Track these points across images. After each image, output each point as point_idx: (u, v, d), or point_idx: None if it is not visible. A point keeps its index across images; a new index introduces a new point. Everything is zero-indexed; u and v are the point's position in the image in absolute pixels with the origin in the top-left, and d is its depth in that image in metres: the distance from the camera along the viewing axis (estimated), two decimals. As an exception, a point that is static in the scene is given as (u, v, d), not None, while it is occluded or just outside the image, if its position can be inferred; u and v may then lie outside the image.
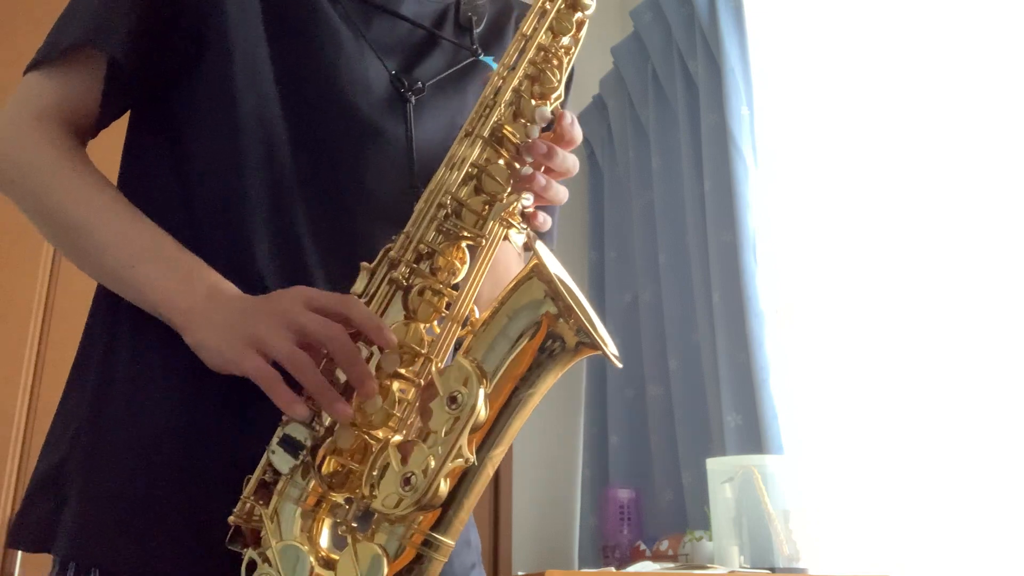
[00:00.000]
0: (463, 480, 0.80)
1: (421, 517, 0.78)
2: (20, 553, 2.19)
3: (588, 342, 0.83)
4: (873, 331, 2.16)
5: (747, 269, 2.34)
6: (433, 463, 0.76)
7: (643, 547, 2.41)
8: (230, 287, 0.88)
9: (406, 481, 0.76)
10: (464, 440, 0.77)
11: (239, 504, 0.82)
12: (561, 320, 0.83)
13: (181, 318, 0.87)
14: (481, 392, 0.78)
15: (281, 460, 0.80)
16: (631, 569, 2.12)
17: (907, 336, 2.08)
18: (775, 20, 2.60)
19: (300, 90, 0.98)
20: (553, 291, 0.82)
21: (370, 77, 1.01)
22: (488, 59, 1.12)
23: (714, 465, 2.13)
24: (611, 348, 0.88)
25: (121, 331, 0.94)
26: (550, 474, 2.92)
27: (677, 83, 2.74)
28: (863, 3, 2.37)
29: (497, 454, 0.82)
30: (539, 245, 0.89)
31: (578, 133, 0.96)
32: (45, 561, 0.91)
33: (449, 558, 0.89)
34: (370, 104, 1.00)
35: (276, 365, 0.81)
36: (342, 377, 0.83)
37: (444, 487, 0.77)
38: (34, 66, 0.97)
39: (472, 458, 0.78)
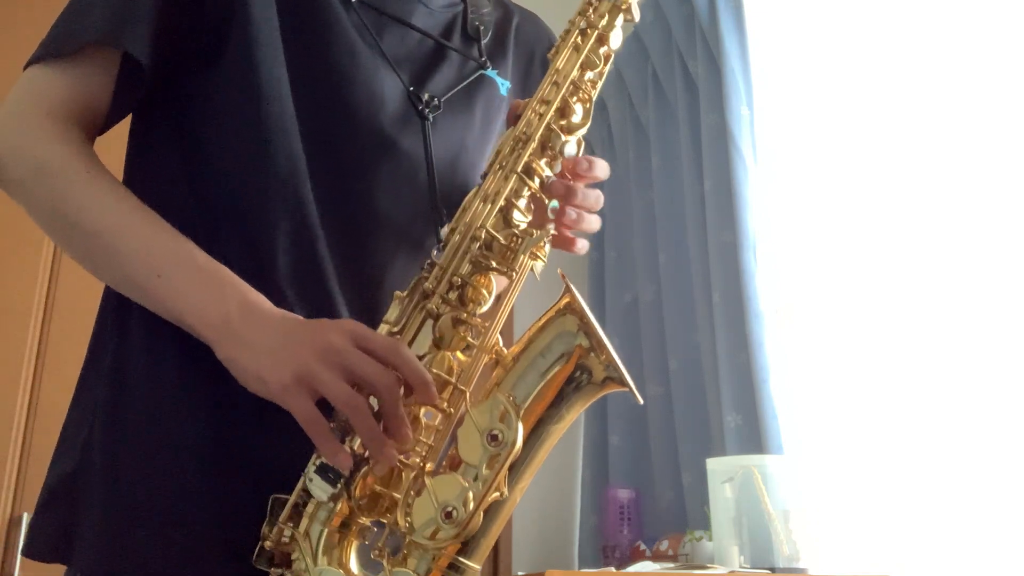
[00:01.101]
0: (492, 509, 0.83)
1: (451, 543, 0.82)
2: (20, 553, 2.19)
3: (616, 377, 0.87)
4: (873, 331, 2.16)
5: (747, 269, 2.34)
6: (473, 498, 0.81)
7: (643, 547, 2.41)
8: (263, 301, 0.86)
9: (447, 515, 0.80)
10: (502, 476, 0.81)
11: (274, 529, 0.82)
12: (592, 354, 0.86)
13: (213, 332, 0.85)
14: (520, 428, 0.82)
15: (319, 489, 0.81)
16: (631, 569, 2.11)
17: (907, 336, 2.08)
18: (775, 20, 2.60)
19: (315, 98, 0.97)
20: (586, 325, 0.86)
21: (386, 92, 1.01)
22: (493, 73, 1.12)
23: (714, 465, 2.13)
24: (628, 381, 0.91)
25: (133, 336, 0.92)
26: (550, 474, 2.92)
27: (677, 83, 2.74)
28: (863, 3, 2.36)
29: (524, 484, 0.86)
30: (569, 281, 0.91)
31: (599, 171, 0.99)
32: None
33: None
34: (386, 118, 1.00)
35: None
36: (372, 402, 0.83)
37: (480, 519, 0.81)
38: (39, 59, 0.92)
39: (506, 491, 0.82)
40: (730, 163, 2.44)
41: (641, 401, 0.92)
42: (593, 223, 0.98)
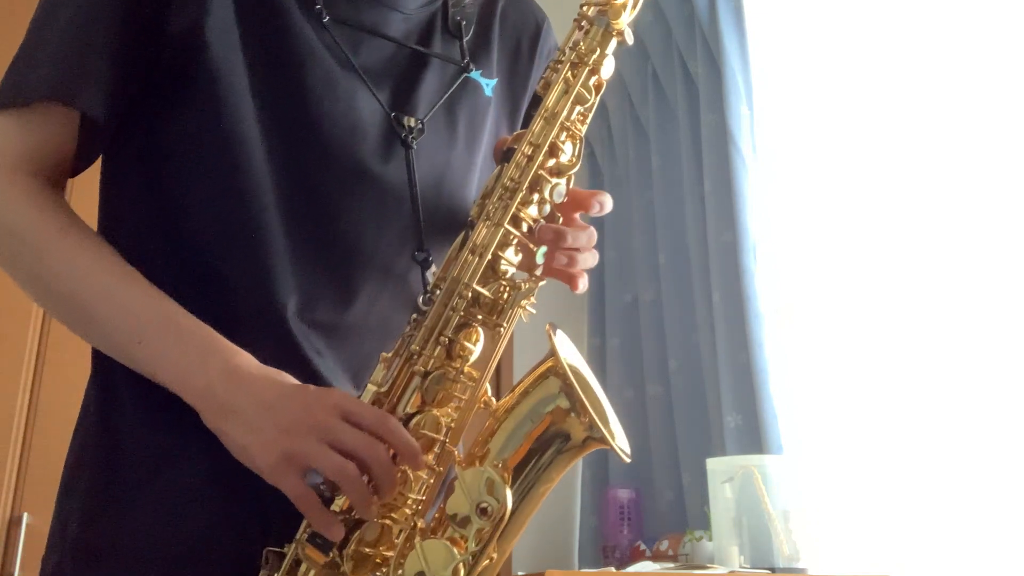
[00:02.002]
0: (482, 571, 0.84)
1: None
2: (20, 553, 2.19)
3: (597, 437, 0.86)
4: (873, 331, 2.16)
5: (747, 269, 2.34)
6: (463, 570, 0.81)
7: (643, 547, 2.41)
8: (247, 364, 0.83)
9: None
10: (492, 546, 0.82)
11: None
12: (573, 415, 0.86)
13: (197, 401, 0.82)
14: (509, 498, 0.82)
15: (312, 555, 0.81)
16: (631, 569, 2.11)
17: (907, 336, 2.08)
18: (775, 20, 2.60)
19: (290, 135, 0.92)
20: (568, 387, 0.86)
21: (366, 119, 0.96)
22: (476, 74, 1.07)
23: (714, 465, 2.13)
24: (619, 441, 0.90)
25: (120, 384, 0.88)
26: (550, 474, 2.91)
27: (677, 83, 2.74)
28: (863, 3, 2.36)
29: (513, 541, 0.86)
30: (556, 336, 0.89)
31: (594, 212, 0.96)
32: (45, 561, 0.91)
33: None
34: (367, 150, 0.95)
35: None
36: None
37: None
38: None
39: (495, 556, 0.83)
40: (730, 163, 2.44)
41: (627, 459, 0.90)
42: (587, 261, 0.96)
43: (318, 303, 0.92)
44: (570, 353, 0.91)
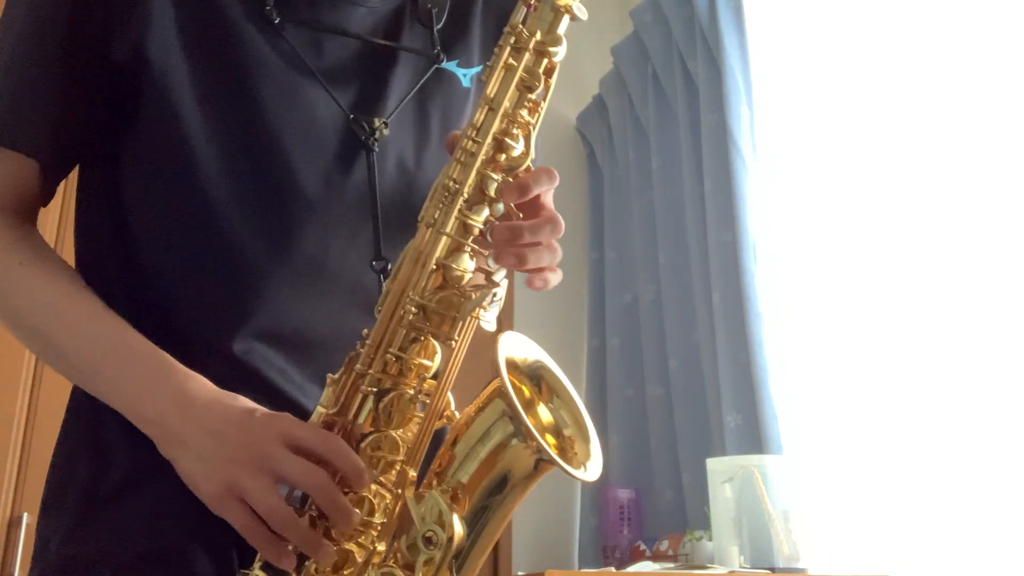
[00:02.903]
0: None
1: None
2: (20, 553, 2.19)
3: (548, 459, 0.82)
4: (873, 331, 2.16)
5: (747, 269, 2.34)
6: None
7: (643, 547, 2.41)
8: (202, 390, 0.81)
9: None
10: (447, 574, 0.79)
11: None
12: (517, 440, 0.81)
13: (150, 428, 0.81)
14: (457, 526, 0.79)
15: None
16: (631, 569, 2.11)
17: (907, 336, 2.08)
18: (775, 20, 2.60)
19: (247, 151, 0.89)
20: (512, 411, 0.81)
21: (324, 124, 0.92)
22: (451, 65, 1.01)
23: (714, 465, 2.13)
24: (592, 458, 0.87)
25: (103, 424, 0.86)
26: (550, 474, 2.91)
27: (677, 83, 2.74)
28: (863, 3, 2.36)
29: (476, 566, 0.83)
30: (501, 344, 0.84)
31: (539, 189, 0.86)
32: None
33: None
34: (325, 158, 0.91)
35: None
36: None
37: None
38: None
39: None
40: (730, 163, 2.44)
41: (580, 479, 0.86)
42: (542, 259, 0.86)
43: (283, 322, 0.89)
44: (526, 353, 0.87)
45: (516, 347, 0.87)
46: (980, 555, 1.86)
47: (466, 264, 0.85)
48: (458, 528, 0.79)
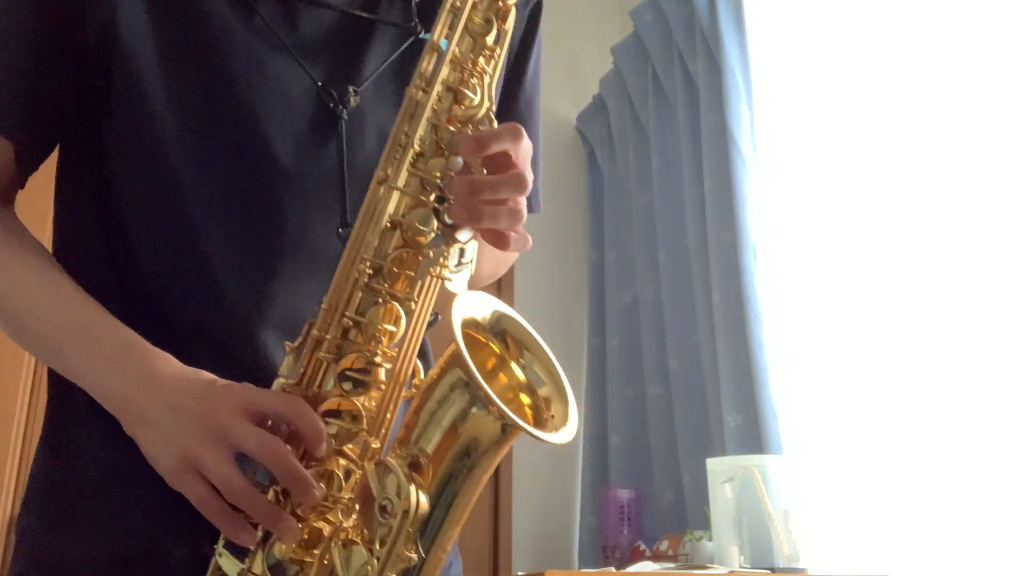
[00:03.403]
0: (413, 573, 0.77)
1: None
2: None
3: (513, 426, 0.77)
4: (873, 331, 2.16)
5: (747, 269, 2.34)
6: (372, 574, 0.74)
7: (643, 547, 2.41)
8: (167, 367, 0.79)
9: None
10: (400, 547, 0.74)
11: None
12: (478, 407, 0.77)
13: (115, 407, 0.80)
14: (413, 493, 0.74)
15: (229, 564, 0.77)
16: (631, 569, 2.12)
17: (907, 336, 2.08)
18: (775, 20, 2.60)
19: (218, 125, 0.88)
20: (469, 377, 0.76)
21: (294, 96, 0.90)
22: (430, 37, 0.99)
23: (714, 465, 2.13)
24: (569, 421, 0.81)
25: (78, 420, 0.86)
26: (550, 474, 2.92)
27: (677, 83, 2.74)
28: (863, 3, 2.36)
29: (448, 537, 0.79)
30: (457, 305, 0.80)
31: (504, 144, 0.80)
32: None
33: None
34: (295, 129, 0.89)
35: None
36: None
37: None
38: None
39: (415, 557, 0.75)
40: (730, 163, 2.44)
41: (550, 441, 0.81)
42: (499, 218, 0.80)
43: (265, 302, 0.87)
44: (487, 310, 0.83)
45: (475, 306, 0.82)
46: (980, 555, 1.86)
47: (429, 223, 0.80)
48: (416, 497, 0.75)
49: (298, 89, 0.91)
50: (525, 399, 0.83)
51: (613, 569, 2.33)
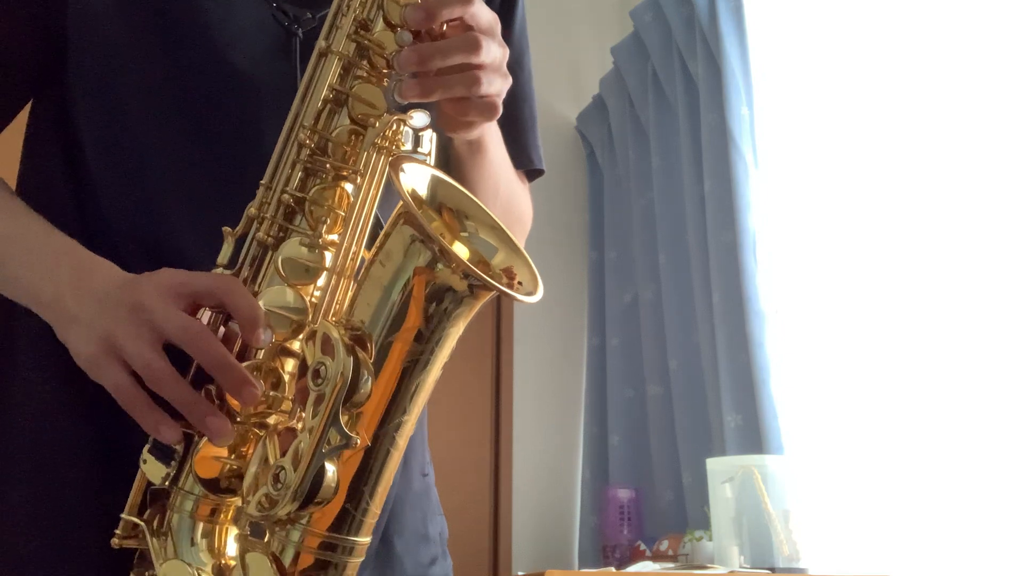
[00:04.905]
0: (363, 465, 0.67)
1: (310, 516, 0.66)
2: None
3: (480, 283, 0.68)
4: (873, 331, 2.16)
5: (747, 269, 2.34)
6: (304, 452, 0.63)
7: (643, 547, 2.41)
8: (100, 266, 0.75)
9: (276, 478, 0.64)
10: (337, 420, 0.64)
11: (121, 525, 0.71)
12: (440, 266, 0.67)
13: (47, 312, 0.75)
14: (352, 359, 0.64)
15: (153, 469, 0.70)
16: (631, 569, 2.12)
17: (907, 336, 2.09)
18: (775, 20, 2.60)
19: (174, 52, 0.85)
20: (424, 235, 0.67)
21: (248, 22, 0.87)
22: None
23: (714, 465, 2.13)
24: (535, 283, 0.73)
25: (20, 342, 0.83)
26: (550, 474, 2.92)
27: (677, 83, 2.74)
28: (863, 4, 2.36)
29: (404, 425, 0.69)
30: (407, 168, 0.73)
31: (455, 8, 0.74)
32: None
33: (399, 557, 0.84)
34: (249, 56, 0.86)
35: None
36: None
37: (331, 477, 0.64)
38: None
39: (356, 438, 0.65)
40: (730, 163, 2.44)
41: (533, 300, 0.71)
42: (453, 86, 0.74)
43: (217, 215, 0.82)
44: (425, 182, 0.75)
45: (413, 177, 0.74)
46: (980, 555, 1.86)
47: (379, 101, 0.75)
48: (353, 365, 0.64)
49: (255, 14, 0.87)
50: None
51: (613, 569, 2.34)
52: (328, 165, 0.74)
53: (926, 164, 2.14)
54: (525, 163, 1.01)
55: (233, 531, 0.71)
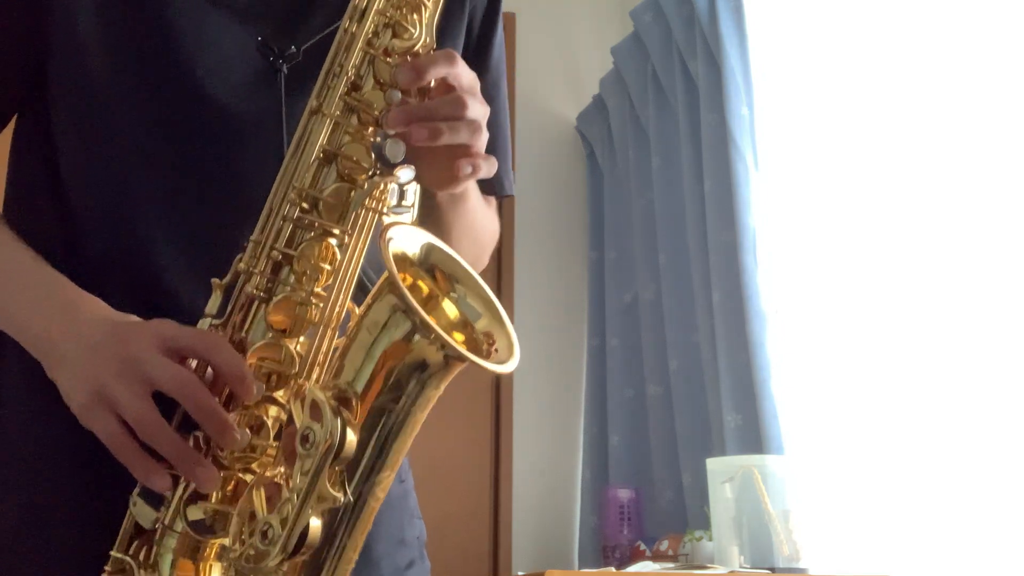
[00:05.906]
0: (341, 518, 0.71)
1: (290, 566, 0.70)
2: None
3: (455, 355, 0.72)
4: (873, 331, 2.16)
5: (747, 269, 2.34)
6: (291, 512, 0.68)
7: (643, 547, 2.41)
8: (89, 304, 0.77)
9: (263, 535, 0.68)
10: (323, 483, 0.68)
11: (110, 561, 0.73)
12: (419, 337, 0.71)
13: (36, 350, 0.77)
14: (339, 423, 0.68)
15: (143, 514, 0.72)
16: (631, 569, 2.12)
17: (907, 336, 2.08)
18: (775, 20, 2.60)
19: (158, 82, 0.85)
20: (405, 305, 0.71)
21: (232, 53, 0.87)
22: None
23: (714, 465, 2.13)
24: (510, 352, 0.76)
25: (6, 355, 0.83)
26: (550, 474, 2.92)
27: (677, 83, 2.74)
28: (863, 4, 2.36)
29: (382, 480, 0.73)
30: (392, 235, 0.75)
31: (442, 67, 0.77)
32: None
33: (376, 561, 0.85)
34: (232, 88, 0.86)
35: None
36: None
37: (315, 530, 0.68)
38: None
39: (341, 497, 0.69)
40: (730, 163, 2.45)
41: (505, 371, 0.75)
42: (439, 135, 0.76)
43: (204, 253, 0.83)
44: (416, 244, 0.78)
45: (406, 241, 0.77)
46: (979, 555, 1.86)
47: (367, 158, 0.77)
48: (340, 429, 0.68)
49: (235, 49, 0.88)
50: (458, 336, 0.77)
51: (613, 569, 2.34)
52: (317, 223, 0.76)
53: (926, 164, 2.14)
54: (498, 190, 1.04)
55: (217, 568, 0.74)
